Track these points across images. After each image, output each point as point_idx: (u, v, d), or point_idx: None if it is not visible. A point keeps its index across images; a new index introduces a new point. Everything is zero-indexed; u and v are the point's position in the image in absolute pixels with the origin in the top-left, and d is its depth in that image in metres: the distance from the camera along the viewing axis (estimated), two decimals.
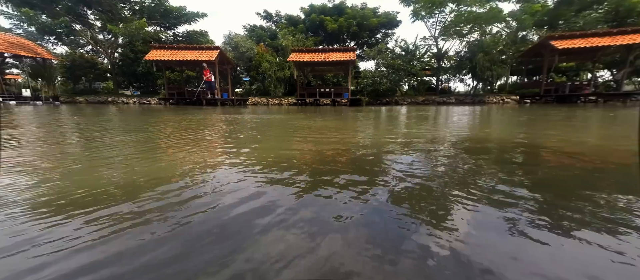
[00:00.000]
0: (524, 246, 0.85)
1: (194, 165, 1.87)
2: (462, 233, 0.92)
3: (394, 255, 0.79)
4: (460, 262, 0.75)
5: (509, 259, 0.78)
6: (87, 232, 0.92)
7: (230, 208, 1.14)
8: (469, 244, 0.85)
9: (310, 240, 0.87)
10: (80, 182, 1.49)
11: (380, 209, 1.14)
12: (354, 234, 0.92)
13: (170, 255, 0.79)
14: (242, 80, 24.51)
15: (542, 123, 4.85)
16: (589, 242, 0.87)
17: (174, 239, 0.89)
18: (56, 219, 1.03)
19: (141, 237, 0.90)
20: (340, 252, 0.81)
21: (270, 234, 0.91)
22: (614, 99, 15.28)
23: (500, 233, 0.93)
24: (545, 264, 0.76)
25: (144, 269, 0.73)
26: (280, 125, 4.91)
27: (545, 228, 0.96)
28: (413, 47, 21.90)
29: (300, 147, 2.58)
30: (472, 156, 2.15)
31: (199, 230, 0.95)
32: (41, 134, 3.58)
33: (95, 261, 0.76)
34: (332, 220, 1.02)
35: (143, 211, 1.10)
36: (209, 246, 0.84)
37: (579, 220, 1.02)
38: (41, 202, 1.20)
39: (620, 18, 17.00)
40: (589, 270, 0.73)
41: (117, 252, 0.82)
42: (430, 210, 1.12)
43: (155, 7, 21.71)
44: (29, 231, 0.94)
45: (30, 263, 0.76)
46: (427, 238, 0.89)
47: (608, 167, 1.86)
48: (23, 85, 19.72)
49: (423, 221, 1.02)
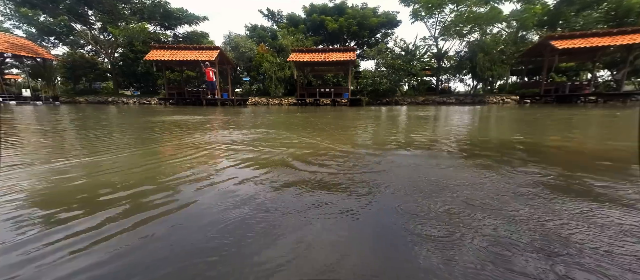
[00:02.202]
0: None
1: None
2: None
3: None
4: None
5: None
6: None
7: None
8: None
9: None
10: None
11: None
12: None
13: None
14: (242, 80, 24.52)
15: (560, 123, 4.84)
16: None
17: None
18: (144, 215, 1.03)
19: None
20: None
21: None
22: (614, 99, 15.27)
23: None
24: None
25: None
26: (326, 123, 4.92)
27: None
28: (413, 47, 21.92)
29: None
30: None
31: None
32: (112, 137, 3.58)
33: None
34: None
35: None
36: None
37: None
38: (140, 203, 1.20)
39: (620, 18, 17.00)
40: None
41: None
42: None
43: (155, 8, 21.74)
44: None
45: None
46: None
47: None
48: (23, 86, 19.74)
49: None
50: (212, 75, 15.09)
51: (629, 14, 16.64)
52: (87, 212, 1.07)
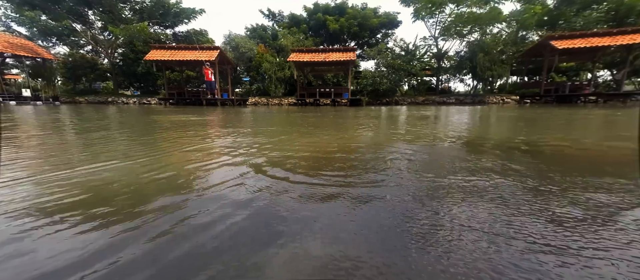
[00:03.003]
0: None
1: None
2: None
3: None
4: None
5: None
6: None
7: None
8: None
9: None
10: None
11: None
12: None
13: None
14: (242, 80, 24.52)
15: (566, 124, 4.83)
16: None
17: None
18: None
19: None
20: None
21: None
22: (614, 99, 15.28)
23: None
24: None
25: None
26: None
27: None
28: (413, 47, 21.91)
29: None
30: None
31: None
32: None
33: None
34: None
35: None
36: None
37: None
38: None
39: (620, 18, 17.00)
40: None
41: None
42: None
43: (155, 7, 21.71)
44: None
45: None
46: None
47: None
48: (23, 86, 19.70)
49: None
50: (210, 75, 15.08)
51: (629, 14, 16.64)
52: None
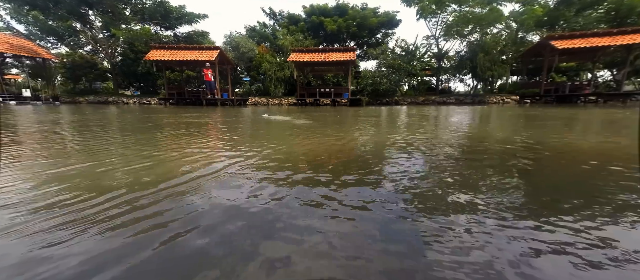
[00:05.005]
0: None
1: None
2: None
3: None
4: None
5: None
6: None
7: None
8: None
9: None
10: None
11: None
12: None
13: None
14: (242, 80, 24.51)
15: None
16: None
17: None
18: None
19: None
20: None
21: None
22: (614, 99, 15.27)
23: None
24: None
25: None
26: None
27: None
28: (413, 47, 21.90)
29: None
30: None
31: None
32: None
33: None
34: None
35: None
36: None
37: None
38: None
39: (620, 18, 16.99)
40: None
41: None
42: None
43: (156, 9, 21.70)
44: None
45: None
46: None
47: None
48: (23, 85, 19.72)
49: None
50: (210, 75, 15.08)
51: (629, 14, 16.63)
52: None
